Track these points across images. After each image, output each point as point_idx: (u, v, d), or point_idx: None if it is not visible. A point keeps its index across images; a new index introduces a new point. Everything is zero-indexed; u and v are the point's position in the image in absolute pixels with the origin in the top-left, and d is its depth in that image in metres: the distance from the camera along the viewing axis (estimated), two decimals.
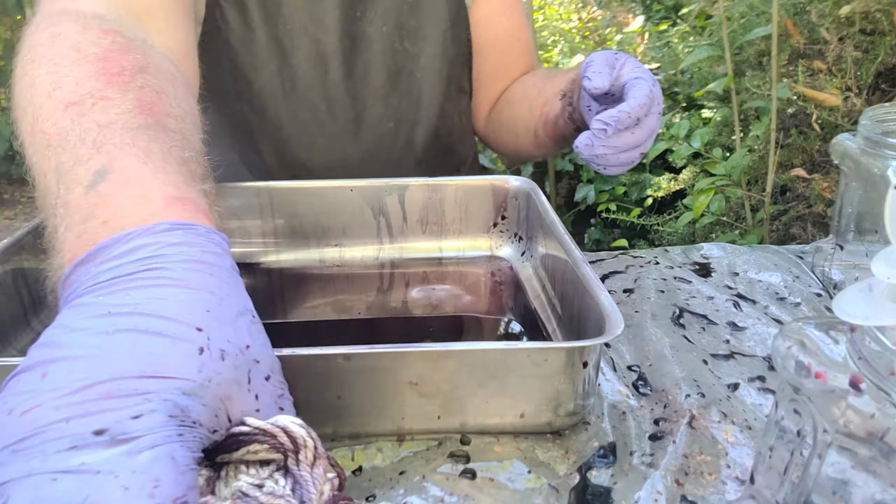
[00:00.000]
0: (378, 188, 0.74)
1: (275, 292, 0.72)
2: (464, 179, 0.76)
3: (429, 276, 0.74)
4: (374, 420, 0.48)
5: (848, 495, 0.34)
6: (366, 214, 0.75)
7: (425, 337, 0.64)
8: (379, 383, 0.46)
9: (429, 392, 0.47)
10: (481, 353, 0.46)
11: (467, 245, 0.77)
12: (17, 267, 0.60)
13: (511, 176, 0.75)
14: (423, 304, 0.69)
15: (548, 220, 0.67)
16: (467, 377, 0.46)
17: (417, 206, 0.75)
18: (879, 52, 1.35)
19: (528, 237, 0.75)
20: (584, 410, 0.50)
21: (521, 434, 0.49)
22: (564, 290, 0.61)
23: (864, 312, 0.31)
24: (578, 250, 0.59)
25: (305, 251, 0.76)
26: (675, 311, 0.67)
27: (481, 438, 0.49)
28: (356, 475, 0.45)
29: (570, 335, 0.59)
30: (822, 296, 0.70)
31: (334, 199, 0.75)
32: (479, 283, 0.73)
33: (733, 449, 0.48)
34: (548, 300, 0.66)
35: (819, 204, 1.44)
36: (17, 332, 0.60)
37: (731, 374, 0.57)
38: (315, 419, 0.47)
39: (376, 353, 0.45)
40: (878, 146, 0.63)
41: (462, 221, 0.77)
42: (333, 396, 0.47)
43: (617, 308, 0.48)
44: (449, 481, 0.44)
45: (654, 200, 2.12)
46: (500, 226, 0.77)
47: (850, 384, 0.32)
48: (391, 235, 0.76)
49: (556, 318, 0.63)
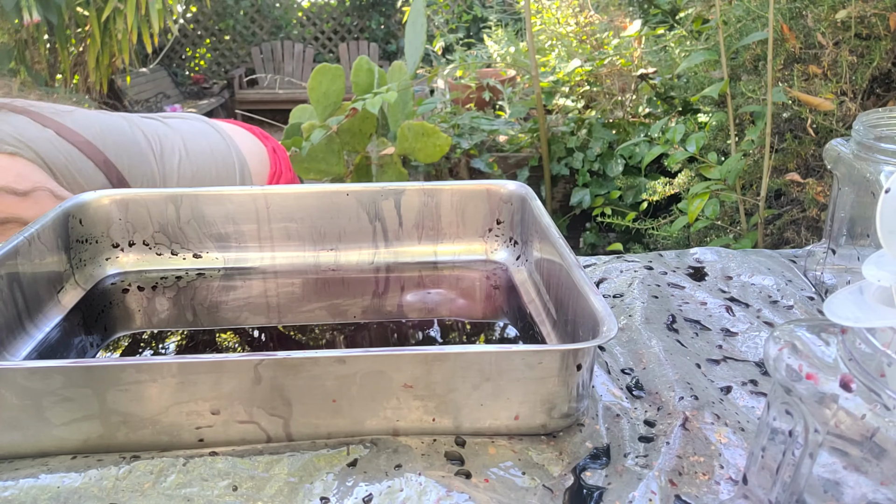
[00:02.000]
0: (374, 192, 0.75)
1: (270, 296, 0.72)
2: (460, 184, 0.76)
3: (424, 280, 0.74)
4: (369, 422, 0.48)
5: (839, 495, 0.34)
6: (362, 219, 0.75)
7: (420, 340, 0.64)
8: (374, 386, 0.46)
9: (423, 394, 0.47)
10: (475, 356, 0.46)
11: (463, 249, 0.77)
12: (11, 272, 0.61)
13: (507, 181, 0.76)
14: (419, 308, 0.69)
15: (542, 224, 0.67)
16: (462, 380, 0.47)
17: (413, 211, 0.76)
18: (874, 57, 1.35)
19: (523, 241, 0.75)
20: (578, 412, 0.50)
21: (516, 436, 0.50)
22: (559, 294, 0.61)
23: (854, 314, 0.32)
24: (573, 254, 0.59)
25: (301, 255, 0.76)
26: (668, 316, 0.67)
27: (476, 440, 0.49)
28: (351, 468, 0.46)
29: (564, 339, 0.59)
30: (815, 299, 0.70)
31: (330, 204, 0.75)
32: (474, 287, 0.74)
33: (726, 450, 0.48)
34: (542, 304, 0.66)
35: (813, 208, 1.45)
36: (12, 337, 0.60)
37: (723, 378, 0.57)
38: (310, 422, 0.48)
39: (371, 356, 0.46)
40: (871, 151, 0.63)
41: (457, 226, 0.77)
42: (328, 399, 0.47)
43: (611, 311, 0.49)
44: (445, 479, 0.45)
45: (649, 205, 2.12)
46: (495, 230, 0.77)
47: (841, 385, 0.33)
48: (387, 240, 0.77)
49: (551, 322, 0.63)
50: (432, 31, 4.56)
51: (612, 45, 2.78)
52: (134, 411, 0.46)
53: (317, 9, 6.81)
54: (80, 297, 0.69)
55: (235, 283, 0.73)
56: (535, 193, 0.74)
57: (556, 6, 3.03)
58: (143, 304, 0.70)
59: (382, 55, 6.68)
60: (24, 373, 0.44)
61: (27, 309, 0.63)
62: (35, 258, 0.64)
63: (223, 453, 0.47)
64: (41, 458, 0.47)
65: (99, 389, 0.45)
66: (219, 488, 0.44)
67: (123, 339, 0.64)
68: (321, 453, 0.47)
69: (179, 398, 0.46)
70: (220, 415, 0.47)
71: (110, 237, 0.74)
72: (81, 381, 0.45)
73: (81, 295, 0.69)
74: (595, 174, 2.58)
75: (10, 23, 3.93)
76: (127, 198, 0.73)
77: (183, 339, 0.64)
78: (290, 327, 0.66)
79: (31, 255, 0.64)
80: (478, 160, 2.65)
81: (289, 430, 0.48)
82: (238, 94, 6.40)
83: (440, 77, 3.34)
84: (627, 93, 2.63)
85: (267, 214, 0.75)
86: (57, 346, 0.62)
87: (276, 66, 6.66)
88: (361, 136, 1.92)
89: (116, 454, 0.47)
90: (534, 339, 0.62)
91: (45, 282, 0.66)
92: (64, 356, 0.61)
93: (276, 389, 0.46)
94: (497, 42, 3.47)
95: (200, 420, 0.47)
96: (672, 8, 2.47)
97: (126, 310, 0.69)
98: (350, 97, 1.90)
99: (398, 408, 0.48)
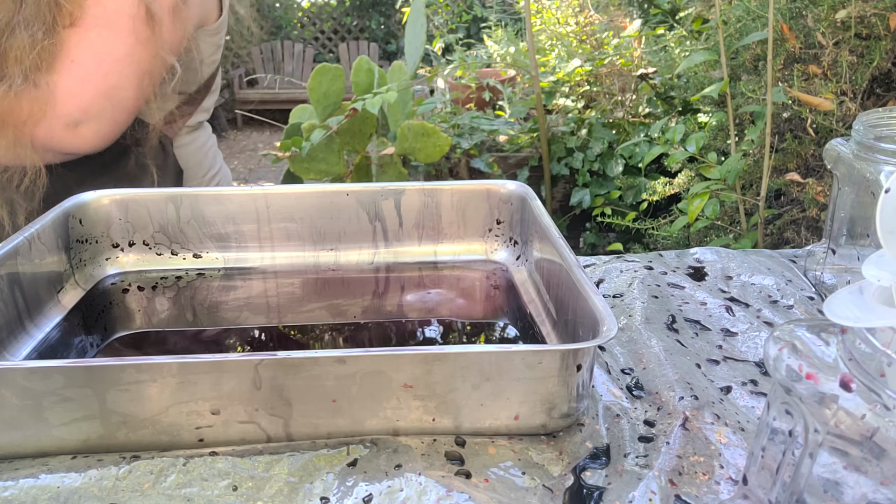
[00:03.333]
0: (374, 192, 0.75)
1: (270, 296, 0.72)
2: (460, 184, 0.76)
3: (424, 280, 0.74)
4: (369, 422, 0.48)
5: (839, 495, 0.34)
6: (362, 219, 0.75)
7: (420, 341, 0.64)
8: (374, 386, 0.46)
9: (423, 394, 0.47)
10: (475, 356, 0.46)
11: (463, 249, 0.77)
12: (12, 272, 0.61)
13: (507, 181, 0.76)
14: (419, 308, 0.69)
15: (542, 224, 0.67)
16: (462, 380, 0.47)
17: (413, 211, 0.76)
18: (874, 57, 1.35)
19: (523, 241, 0.75)
20: (578, 413, 0.50)
21: (516, 436, 0.50)
22: (559, 294, 0.61)
23: (854, 314, 0.32)
24: (573, 255, 0.59)
25: (301, 255, 0.76)
26: (668, 316, 0.67)
27: (476, 439, 0.49)
28: (351, 467, 0.46)
29: (564, 339, 0.59)
30: (815, 299, 0.70)
31: (330, 204, 0.75)
32: (474, 287, 0.74)
33: (726, 450, 0.48)
34: (542, 304, 0.66)
35: (813, 208, 1.45)
36: (13, 337, 0.60)
37: (723, 378, 0.57)
38: (310, 422, 0.48)
39: (371, 356, 0.46)
40: (871, 151, 0.63)
41: (457, 226, 0.77)
42: (328, 399, 0.47)
43: (611, 311, 0.49)
44: (445, 479, 0.45)
45: (649, 204, 2.12)
46: (495, 230, 0.77)
47: (841, 385, 0.33)
48: (387, 239, 0.77)
49: (551, 322, 0.63)
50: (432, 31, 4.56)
51: (612, 45, 2.78)
52: (134, 411, 0.46)
53: (317, 9, 6.81)
54: (81, 297, 0.69)
55: (235, 283, 0.73)
56: (535, 193, 0.74)
57: (556, 6, 3.03)
58: (143, 303, 0.70)
59: (382, 55, 6.68)
60: (23, 373, 0.44)
61: (27, 309, 0.63)
62: (35, 258, 0.64)
63: (223, 453, 0.47)
64: (41, 458, 0.47)
65: (99, 389, 0.45)
66: (219, 488, 0.44)
67: (123, 338, 0.64)
68: (321, 453, 0.47)
69: (179, 398, 0.46)
70: (220, 415, 0.47)
71: (110, 237, 0.74)
72: (81, 381, 0.45)
73: (81, 295, 0.69)
74: (595, 174, 2.58)
75: None
76: (127, 198, 0.74)
77: (183, 340, 0.64)
78: (290, 327, 0.66)
79: (31, 255, 0.64)
80: (478, 160, 2.65)
81: (289, 429, 0.48)
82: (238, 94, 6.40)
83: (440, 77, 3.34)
84: (627, 93, 2.63)
85: (267, 214, 0.75)
86: (57, 346, 0.62)
87: (276, 66, 6.66)
88: (361, 136, 1.92)
89: (116, 454, 0.47)
90: (534, 339, 0.62)
91: (46, 282, 0.66)
92: (64, 356, 0.61)
93: (275, 389, 0.46)
94: (497, 42, 3.47)
95: (200, 420, 0.47)
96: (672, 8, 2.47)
97: (126, 310, 0.69)
98: (350, 97, 1.90)
99: (398, 408, 0.48)
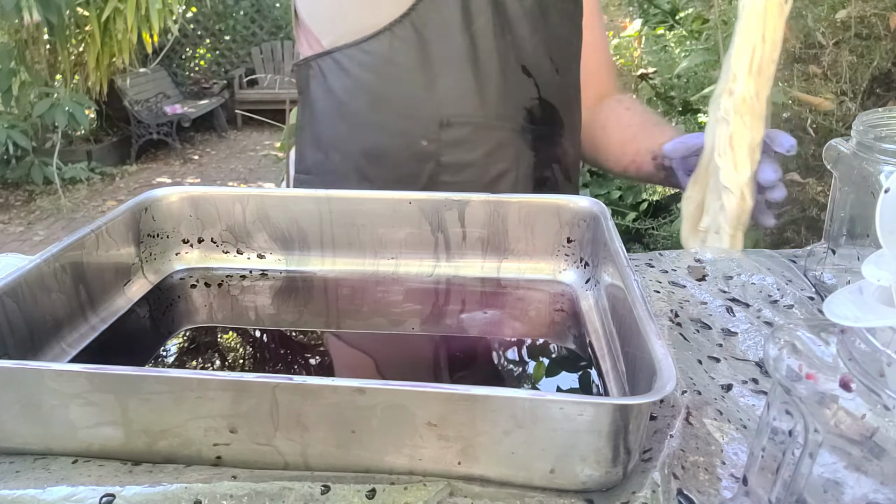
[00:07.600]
0: (437, 202, 0.72)
1: (330, 301, 0.72)
2: (529, 197, 0.72)
3: (485, 296, 0.71)
4: (388, 458, 0.45)
5: (839, 495, 0.34)
6: (424, 229, 0.73)
7: (471, 360, 0.62)
8: (395, 421, 0.43)
9: (449, 435, 0.43)
10: (506, 401, 0.42)
11: (528, 267, 0.74)
12: (76, 261, 0.62)
13: (580, 196, 0.71)
14: (476, 326, 0.66)
15: (612, 248, 0.62)
16: (491, 424, 0.42)
17: (478, 224, 0.73)
18: (874, 57, 1.35)
19: (594, 264, 0.70)
20: (624, 467, 0.44)
21: (551, 490, 0.44)
22: (622, 328, 0.56)
23: (854, 314, 0.32)
24: (639, 287, 0.54)
25: (360, 261, 0.75)
26: (671, 312, 0.67)
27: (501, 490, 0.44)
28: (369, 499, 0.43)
29: (619, 380, 0.55)
30: (815, 299, 0.70)
31: (392, 212, 0.73)
32: (537, 308, 0.70)
33: (728, 446, 0.48)
34: (605, 335, 0.62)
35: (813, 208, 1.45)
36: (73, 328, 0.61)
37: (724, 376, 0.57)
38: (327, 450, 0.45)
39: (392, 389, 0.42)
40: (871, 151, 0.63)
41: (524, 241, 0.73)
42: (347, 429, 0.43)
43: (670, 359, 0.44)
44: None
45: (649, 204, 2.13)
46: (564, 249, 0.73)
47: (841, 385, 0.33)
48: (448, 252, 0.74)
49: (612, 358, 0.58)
50: None
51: (612, 45, 2.78)
52: (153, 421, 0.45)
53: None
54: (147, 291, 0.71)
55: (297, 286, 0.74)
56: (608, 212, 0.69)
57: None
58: (208, 300, 0.71)
59: None
60: (50, 374, 0.44)
61: (91, 301, 0.64)
62: (102, 251, 0.66)
63: (241, 477, 0.44)
64: (48, 459, 0.47)
65: (121, 397, 0.44)
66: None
67: (187, 332, 0.65)
68: (338, 486, 0.44)
69: (198, 413, 0.44)
70: (237, 433, 0.45)
71: (181, 233, 0.75)
72: (105, 386, 0.44)
73: (149, 288, 0.71)
74: (595, 174, 2.58)
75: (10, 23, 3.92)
76: (196, 195, 0.75)
77: (244, 339, 0.65)
78: (346, 333, 0.67)
79: (97, 249, 0.65)
80: None
81: (306, 456, 0.45)
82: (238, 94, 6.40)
83: None
84: (628, 92, 2.63)
85: (329, 218, 0.74)
86: (118, 340, 0.63)
87: (276, 66, 6.67)
88: None
89: (130, 463, 0.46)
90: (592, 376, 0.58)
91: (113, 275, 0.67)
92: (126, 350, 0.62)
93: (292, 414, 0.43)
94: None
95: (218, 437, 0.45)
96: (672, 8, 2.47)
97: (192, 305, 0.71)
98: None
99: (421, 446, 0.44)
